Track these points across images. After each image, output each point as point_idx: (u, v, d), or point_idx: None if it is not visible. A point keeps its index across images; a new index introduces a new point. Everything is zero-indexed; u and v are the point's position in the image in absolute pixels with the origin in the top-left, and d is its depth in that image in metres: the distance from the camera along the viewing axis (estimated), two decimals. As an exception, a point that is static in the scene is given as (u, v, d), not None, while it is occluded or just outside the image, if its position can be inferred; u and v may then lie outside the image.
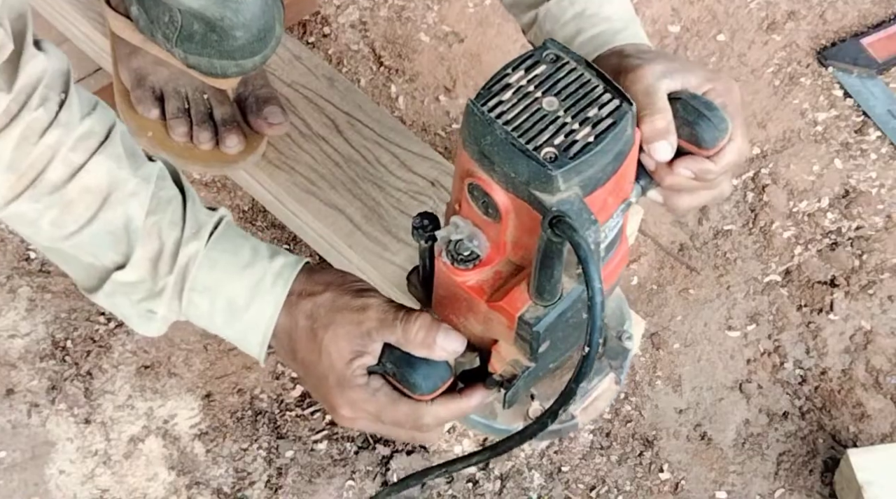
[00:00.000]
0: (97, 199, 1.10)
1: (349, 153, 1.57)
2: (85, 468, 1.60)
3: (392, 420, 1.13)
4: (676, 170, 1.12)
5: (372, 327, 1.10)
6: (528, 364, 1.08)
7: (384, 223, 1.50)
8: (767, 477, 1.61)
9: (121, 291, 1.14)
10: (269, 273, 1.15)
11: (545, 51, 1.00)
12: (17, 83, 1.04)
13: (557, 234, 0.94)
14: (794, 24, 1.99)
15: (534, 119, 0.96)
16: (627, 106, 0.98)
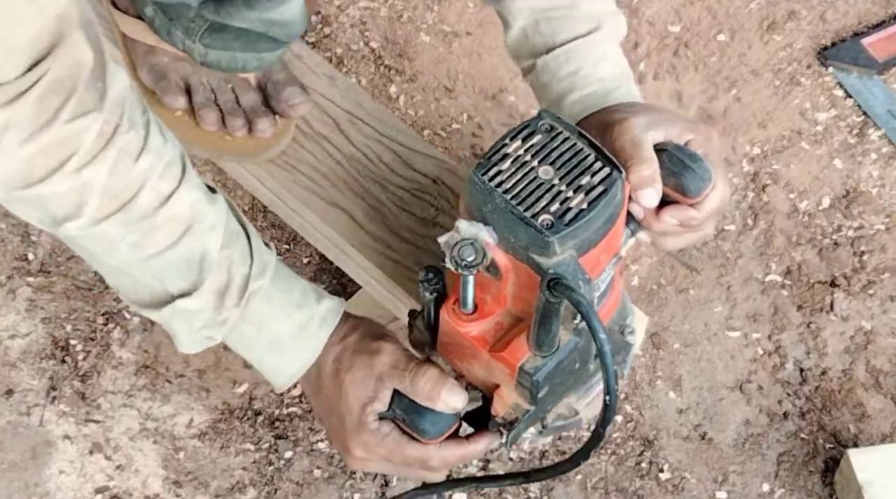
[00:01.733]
0: (180, 228, 1.12)
1: (351, 152, 1.57)
2: (84, 468, 1.59)
3: (402, 462, 1.20)
4: (663, 218, 1.19)
5: (383, 372, 1.17)
6: (528, 408, 1.15)
7: (386, 221, 1.50)
8: (767, 477, 1.61)
9: (181, 316, 1.16)
10: (315, 317, 1.21)
11: (540, 121, 1.08)
12: (107, 101, 1.04)
13: (555, 294, 1.01)
14: (794, 24, 1.99)
15: (531, 187, 1.04)
16: (617, 173, 1.05)
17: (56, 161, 1.02)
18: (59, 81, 1.00)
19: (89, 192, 1.05)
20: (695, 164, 1.15)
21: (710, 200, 1.18)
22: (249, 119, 1.55)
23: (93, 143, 1.03)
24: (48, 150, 1.01)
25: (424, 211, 1.52)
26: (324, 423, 1.25)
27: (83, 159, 1.03)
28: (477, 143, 1.86)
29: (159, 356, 1.67)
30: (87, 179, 1.04)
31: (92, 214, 1.07)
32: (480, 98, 1.91)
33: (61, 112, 1.00)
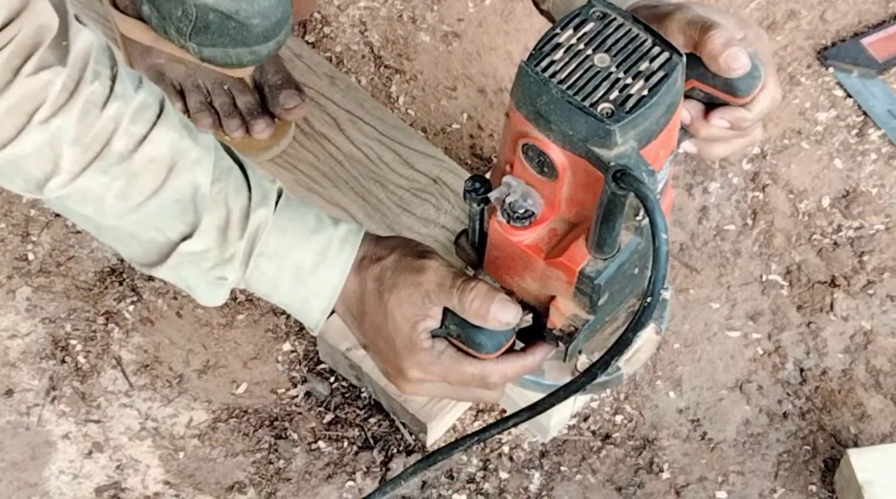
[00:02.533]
0: (162, 169, 1.10)
1: (351, 151, 1.57)
2: (84, 468, 1.59)
3: (459, 380, 1.16)
4: (712, 121, 1.14)
5: (431, 290, 1.13)
6: (587, 318, 1.10)
7: (387, 221, 1.51)
8: (767, 477, 1.61)
9: (188, 261, 1.14)
10: (335, 239, 1.16)
11: (591, 8, 1.02)
12: (69, 56, 1.04)
13: (622, 186, 0.96)
14: (794, 24, 1.99)
15: (587, 76, 0.98)
16: (678, 58, 1.00)
17: (23, 116, 1.03)
18: (23, 44, 1.01)
19: (60, 143, 1.05)
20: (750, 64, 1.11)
21: (761, 99, 1.14)
22: (246, 121, 1.56)
23: (57, 95, 1.03)
24: (15, 107, 1.02)
25: (424, 210, 1.52)
26: (371, 351, 1.21)
27: (49, 110, 1.03)
28: (477, 143, 1.86)
29: (159, 356, 1.67)
30: (55, 130, 1.04)
31: (69, 168, 1.06)
32: (480, 98, 1.91)
33: (23, 69, 1.01)
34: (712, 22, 1.11)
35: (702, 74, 1.12)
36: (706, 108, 1.15)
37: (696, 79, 1.13)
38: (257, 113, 1.56)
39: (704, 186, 1.83)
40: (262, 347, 1.68)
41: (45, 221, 1.76)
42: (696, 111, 1.16)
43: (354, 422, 1.62)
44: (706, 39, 1.09)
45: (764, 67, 1.13)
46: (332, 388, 1.65)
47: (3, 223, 1.76)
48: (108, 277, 1.72)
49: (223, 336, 1.69)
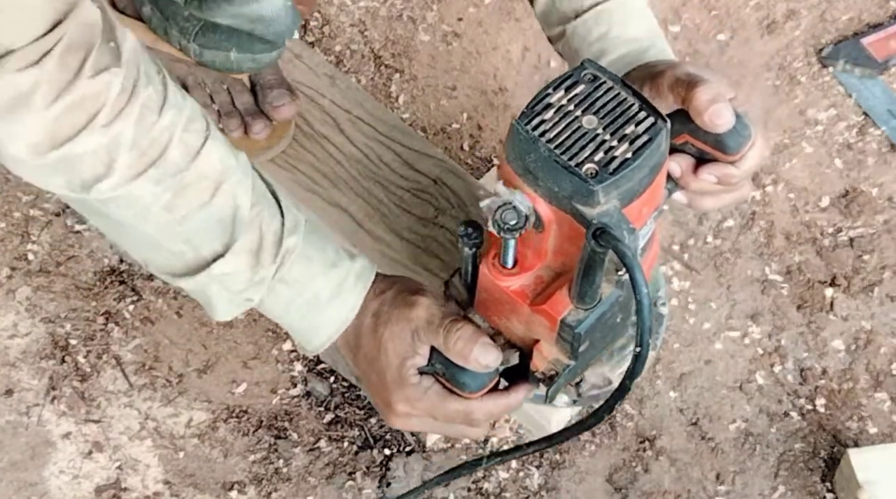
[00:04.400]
0: (211, 185, 1.11)
1: (351, 151, 1.57)
2: (84, 468, 1.59)
3: (444, 417, 1.19)
4: (701, 176, 1.18)
5: (420, 326, 1.17)
6: (568, 362, 1.14)
7: (387, 221, 1.51)
8: (767, 477, 1.61)
9: (218, 281, 1.15)
10: (351, 274, 1.20)
11: (583, 71, 1.06)
12: (122, 58, 1.04)
13: (602, 244, 1.00)
14: (794, 23, 1.99)
15: (575, 137, 1.03)
16: (662, 122, 1.04)
17: (84, 117, 1.03)
18: (77, 41, 1.01)
19: (118, 148, 1.05)
20: (735, 120, 1.14)
21: (750, 157, 1.17)
22: (245, 121, 1.56)
23: (117, 97, 1.03)
24: (76, 106, 1.02)
25: (425, 211, 1.52)
26: (364, 382, 1.24)
27: (110, 114, 1.03)
28: (477, 143, 1.86)
29: (159, 356, 1.67)
30: (115, 134, 1.04)
31: (123, 172, 1.06)
32: (480, 98, 1.91)
33: (83, 69, 1.01)
34: (700, 79, 1.14)
35: (693, 130, 1.16)
36: (697, 163, 1.19)
37: (688, 134, 1.17)
38: (255, 113, 1.56)
39: (704, 185, 1.83)
40: (262, 347, 1.68)
41: (46, 221, 1.76)
42: (686, 165, 1.19)
43: (354, 422, 1.63)
44: (692, 95, 1.13)
45: (753, 126, 1.16)
46: (332, 388, 1.65)
47: (3, 223, 1.76)
48: (108, 277, 1.72)
49: (223, 336, 1.69)
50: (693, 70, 1.17)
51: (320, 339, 1.21)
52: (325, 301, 1.19)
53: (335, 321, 1.20)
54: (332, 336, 1.21)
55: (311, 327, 1.21)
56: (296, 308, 1.19)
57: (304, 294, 1.18)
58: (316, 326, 1.21)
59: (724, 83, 1.16)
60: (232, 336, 1.69)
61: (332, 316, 1.20)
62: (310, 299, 1.19)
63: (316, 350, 1.23)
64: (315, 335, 1.21)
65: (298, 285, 1.18)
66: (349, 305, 1.20)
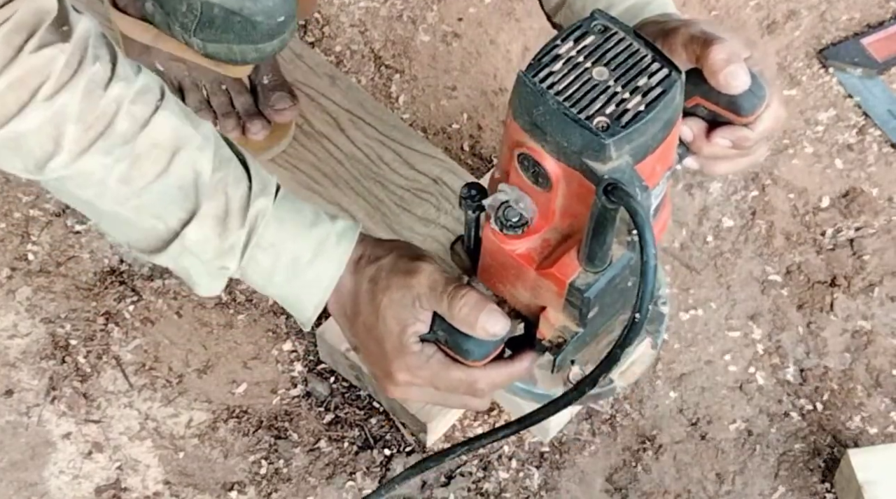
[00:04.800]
0: (165, 153, 1.10)
1: (351, 151, 1.57)
2: (84, 468, 1.59)
3: (446, 386, 1.15)
4: (714, 140, 1.14)
5: (422, 293, 1.12)
6: (576, 330, 1.10)
7: (387, 221, 1.51)
8: (767, 477, 1.61)
9: (189, 251, 1.14)
10: (332, 233, 1.16)
11: (593, 21, 1.01)
12: (72, 37, 1.04)
13: (613, 200, 0.96)
14: (794, 23, 1.99)
15: (585, 89, 0.98)
16: (676, 74, 0.99)
17: (27, 92, 1.02)
18: (24, 21, 1.01)
19: (64, 121, 1.05)
20: (751, 81, 1.10)
21: (764, 119, 1.14)
22: (242, 121, 1.56)
23: (61, 71, 1.03)
24: (17, 82, 1.02)
25: (425, 210, 1.52)
26: (362, 352, 1.21)
27: (53, 87, 1.03)
28: (477, 143, 1.86)
29: (159, 356, 1.67)
30: (59, 107, 1.04)
31: (71, 147, 1.06)
32: (480, 98, 1.91)
33: (26, 46, 1.01)
34: (715, 37, 1.10)
35: (706, 92, 1.12)
36: (709, 126, 1.15)
37: (700, 96, 1.13)
38: (254, 114, 1.56)
39: (705, 186, 1.83)
40: (262, 347, 1.68)
41: (46, 221, 1.76)
42: (698, 129, 1.16)
43: (354, 422, 1.62)
44: (708, 54, 1.09)
45: (769, 87, 1.13)
46: (332, 388, 1.65)
47: (3, 223, 1.76)
48: (108, 277, 1.72)
49: (223, 336, 1.69)
50: (708, 28, 1.13)
51: (309, 306, 1.18)
52: (306, 263, 1.16)
53: (319, 284, 1.17)
54: (319, 302, 1.18)
55: (296, 294, 1.18)
56: (277, 274, 1.16)
57: (282, 258, 1.15)
58: (300, 291, 1.17)
59: (740, 42, 1.13)
60: (232, 336, 1.69)
61: (316, 277, 1.16)
62: (290, 263, 1.16)
63: (309, 320, 1.19)
64: (302, 303, 1.18)
65: (274, 249, 1.15)
66: (333, 264, 1.16)
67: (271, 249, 1.15)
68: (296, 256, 1.16)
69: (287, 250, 1.15)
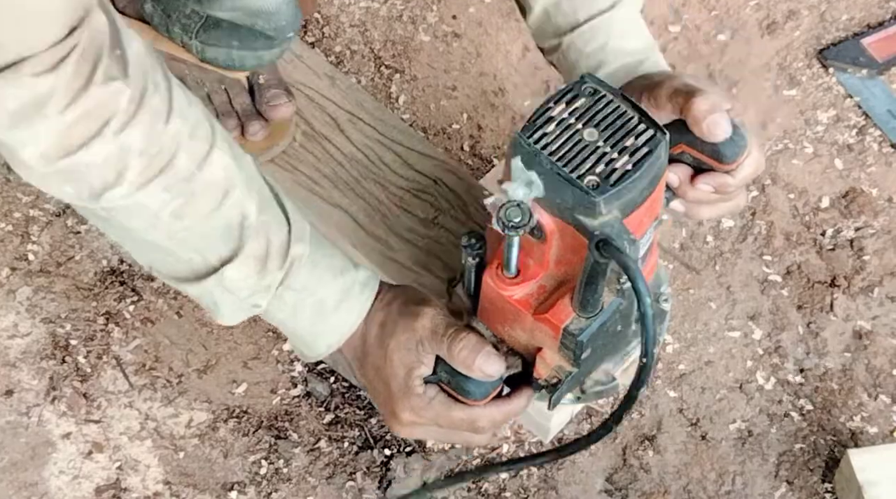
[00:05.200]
0: (219, 193, 1.11)
1: (351, 152, 1.57)
2: (84, 468, 1.59)
3: (449, 425, 1.21)
4: (698, 185, 1.20)
5: (424, 337, 1.18)
6: (571, 370, 1.16)
7: (387, 222, 1.50)
8: (767, 477, 1.61)
9: (226, 287, 1.16)
10: (357, 282, 1.21)
11: (584, 84, 1.08)
12: (129, 66, 1.04)
13: (604, 255, 1.02)
14: (794, 23, 1.99)
15: (576, 149, 1.05)
16: (661, 135, 1.06)
17: (96, 125, 1.03)
18: (89, 47, 1.01)
19: (128, 155, 1.05)
20: (732, 130, 1.16)
21: (745, 166, 1.19)
22: (242, 122, 1.56)
23: (127, 105, 1.04)
24: (88, 114, 1.02)
25: (425, 211, 1.52)
26: (369, 390, 1.25)
27: (121, 122, 1.04)
28: (477, 143, 1.86)
29: (159, 356, 1.67)
30: (125, 142, 1.04)
31: (133, 180, 1.06)
32: (480, 98, 1.91)
33: (94, 76, 1.01)
34: (697, 89, 1.16)
35: (691, 140, 1.18)
36: (694, 172, 1.21)
37: (685, 144, 1.19)
38: (252, 114, 1.56)
39: (704, 186, 1.83)
40: (262, 348, 1.68)
41: (46, 221, 1.76)
42: (684, 175, 1.21)
43: (354, 422, 1.63)
44: (690, 105, 1.14)
45: (749, 136, 1.18)
46: (332, 388, 1.65)
47: (3, 223, 1.76)
48: (108, 277, 1.72)
49: (223, 336, 1.69)
50: (691, 81, 1.18)
51: (323, 346, 1.22)
52: (332, 308, 1.20)
53: (340, 328, 1.21)
54: (334, 344, 1.22)
55: (315, 334, 1.22)
56: (301, 315, 1.20)
57: (309, 300, 1.19)
58: (320, 332, 1.21)
59: (722, 94, 1.18)
60: (232, 336, 1.69)
61: (338, 323, 1.21)
62: (315, 306, 1.20)
63: (317, 357, 1.23)
64: (318, 342, 1.22)
65: (305, 292, 1.19)
66: (355, 312, 1.21)
67: (301, 292, 1.19)
68: (322, 300, 1.20)
69: (315, 295, 1.19)
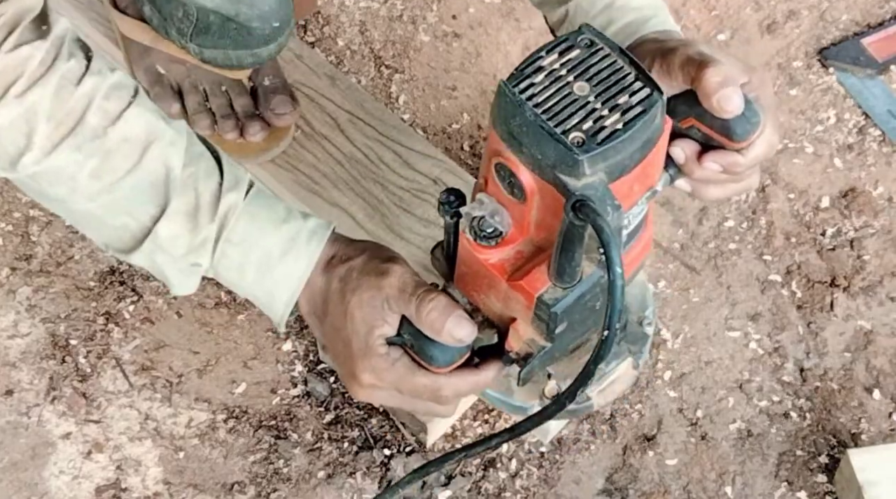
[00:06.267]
0: (136, 149, 1.10)
1: (351, 152, 1.57)
2: (84, 468, 1.59)
3: (411, 391, 1.14)
4: (705, 163, 1.13)
5: (391, 295, 1.11)
6: (544, 344, 1.10)
7: (387, 221, 1.51)
8: (768, 477, 1.61)
9: (161, 248, 1.13)
10: (304, 230, 1.16)
11: (580, 35, 1.01)
12: (50, 34, 1.05)
13: (580, 217, 0.95)
14: (794, 23, 1.99)
15: (564, 103, 0.97)
16: (658, 95, 0.98)
17: (0, 89, 1.04)
18: (4, 22, 1.02)
19: (35, 118, 1.05)
20: (745, 106, 1.09)
21: (757, 145, 1.12)
22: (241, 123, 1.56)
23: (35, 69, 1.04)
24: None
25: (424, 211, 1.52)
26: (329, 351, 1.20)
27: (26, 83, 1.04)
28: (477, 143, 1.86)
29: (159, 356, 1.67)
30: (31, 104, 1.05)
31: (42, 143, 1.06)
32: (480, 98, 1.91)
33: (3, 44, 1.02)
34: (712, 60, 1.09)
35: (700, 114, 1.11)
36: (702, 149, 1.14)
37: (694, 117, 1.12)
38: (252, 115, 1.56)
39: (704, 186, 1.83)
40: (262, 348, 1.68)
41: (46, 221, 1.76)
42: (691, 151, 1.14)
43: (354, 422, 1.63)
44: (702, 76, 1.08)
45: (764, 114, 1.12)
46: (332, 388, 1.65)
47: (3, 223, 1.76)
48: (108, 277, 1.72)
49: (223, 336, 1.69)
50: (706, 50, 1.12)
51: (280, 304, 1.17)
52: (277, 259, 1.15)
53: (290, 280, 1.16)
54: (289, 299, 1.17)
55: (268, 291, 1.17)
56: (248, 271, 1.16)
57: (253, 253, 1.15)
58: (271, 288, 1.16)
59: (738, 66, 1.12)
60: (232, 336, 1.69)
61: (286, 274, 1.16)
62: (260, 259, 1.15)
63: (282, 319, 1.18)
64: (273, 300, 1.17)
65: (245, 245, 1.15)
66: (303, 260, 1.15)
67: (242, 245, 1.15)
68: (266, 251, 1.15)
69: (258, 246, 1.15)
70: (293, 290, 1.16)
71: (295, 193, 1.54)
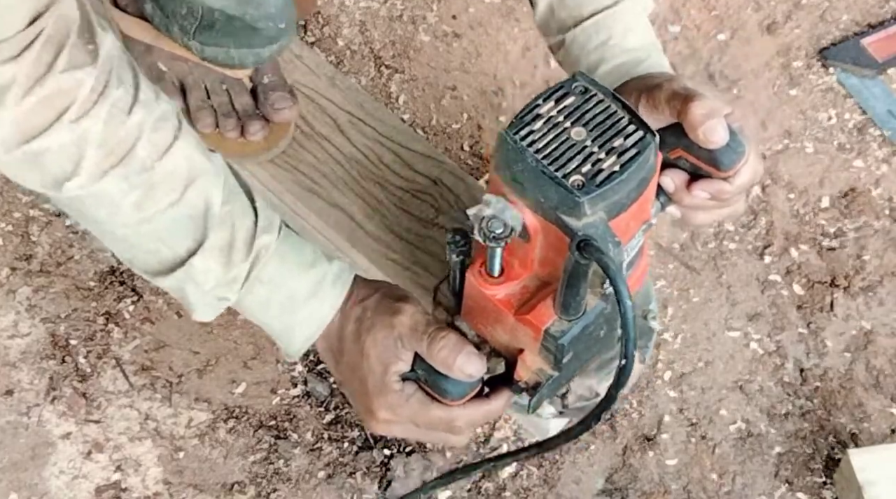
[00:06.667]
0: (180, 183, 1.12)
1: (351, 152, 1.57)
2: (84, 468, 1.59)
3: (426, 424, 1.19)
4: (694, 192, 1.18)
5: (403, 333, 1.16)
6: (551, 373, 1.15)
7: (386, 222, 1.51)
8: (767, 477, 1.61)
9: (194, 279, 1.16)
10: (329, 274, 1.20)
11: (574, 83, 1.07)
12: (99, 57, 1.06)
13: (585, 256, 1.00)
14: (794, 23, 1.99)
15: (563, 148, 1.03)
16: (651, 137, 1.04)
17: (54, 112, 1.04)
18: (53, 35, 1.02)
19: (86, 145, 1.06)
20: (730, 137, 1.14)
21: (743, 173, 1.17)
22: (242, 122, 1.56)
23: (87, 95, 1.05)
24: (46, 101, 1.03)
25: (424, 211, 1.52)
26: (346, 388, 1.24)
27: (79, 110, 1.05)
28: (477, 143, 1.86)
29: (159, 356, 1.67)
30: (83, 131, 1.05)
31: (91, 170, 1.07)
32: (480, 98, 1.91)
33: (55, 64, 1.02)
34: (696, 93, 1.14)
35: (687, 145, 1.16)
36: (691, 178, 1.19)
37: (682, 149, 1.17)
38: (253, 114, 1.56)
39: (704, 186, 1.83)
40: (262, 348, 1.68)
41: (46, 221, 1.76)
42: (680, 180, 1.19)
43: (354, 422, 1.63)
44: (687, 110, 1.13)
45: (748, 143, 1.17)
46: (332, 388, 1.65)
47: (3, 223, 1.76)
48: (108, 277, 1.72)
49: (223, 336, 1.69)
50: (690, 84, 1.17)
51: (299, 340, 1.21)
52: (302, 300, 1.19)
53: (312, 321, 1.20)
54: (309, 337, 1.21)
55: (289, 328, 1.21)
56: (273, 308, 1.19)
57: (280, 293, 1.18)
58: (293, 326, 1.20)
59: (721, 99, 1.17)
60: (232, 336, 1.69)
61: (309, 315, 1.20)
62: (286, 299, 1.19)
63: (296, 354, 1.23)
64: (293, 337, 1.21)
65: (273, 284, 1.18)
66: (327, 304, 1.20)
67: (270, 284, 1.18)
68: (292, 292, 1.19)
69: (285, 287, 1.19)
70: (315, 330, 1.21)
71: (295, 193, 1.54)
